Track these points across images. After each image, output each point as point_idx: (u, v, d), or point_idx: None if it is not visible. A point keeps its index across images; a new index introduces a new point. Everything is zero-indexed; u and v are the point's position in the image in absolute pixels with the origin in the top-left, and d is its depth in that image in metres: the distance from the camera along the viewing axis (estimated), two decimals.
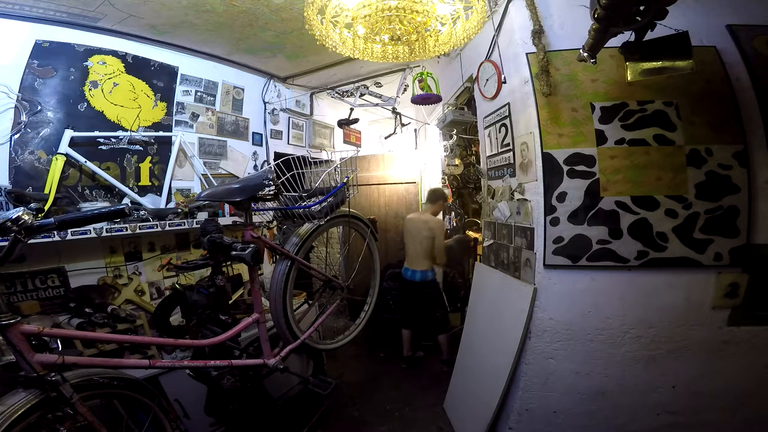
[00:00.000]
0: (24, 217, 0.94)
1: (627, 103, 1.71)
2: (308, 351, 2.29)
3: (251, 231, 1.51)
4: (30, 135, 1.97)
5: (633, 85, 1.65)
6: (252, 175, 1.74)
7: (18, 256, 0.97)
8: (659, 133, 1.69)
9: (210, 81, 2.84)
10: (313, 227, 1.75)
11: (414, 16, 1.45)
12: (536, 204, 1.81)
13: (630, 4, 1.17)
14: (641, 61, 1.50)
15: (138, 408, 1.35)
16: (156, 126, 2.51)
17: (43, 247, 1.84)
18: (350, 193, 1.87)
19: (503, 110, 2.09)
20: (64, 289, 1.99)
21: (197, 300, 1.57)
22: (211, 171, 2.79)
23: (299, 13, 1.71)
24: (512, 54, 1.94)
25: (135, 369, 1.40)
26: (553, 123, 1.77)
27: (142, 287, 2.36)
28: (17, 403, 0.96)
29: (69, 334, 1.60)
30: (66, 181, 2.07)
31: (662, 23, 1.26)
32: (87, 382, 1.12)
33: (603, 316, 1.74)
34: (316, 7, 1.44)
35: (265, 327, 1.62)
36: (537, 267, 1.79)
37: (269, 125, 3.39)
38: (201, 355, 1.53)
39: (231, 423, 1.80)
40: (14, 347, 0.96)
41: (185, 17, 2.20)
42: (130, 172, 2.38)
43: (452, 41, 1.58)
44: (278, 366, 1.60)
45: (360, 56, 1.66)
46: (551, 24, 1.82)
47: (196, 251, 2.65)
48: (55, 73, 2.06)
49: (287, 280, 1.63)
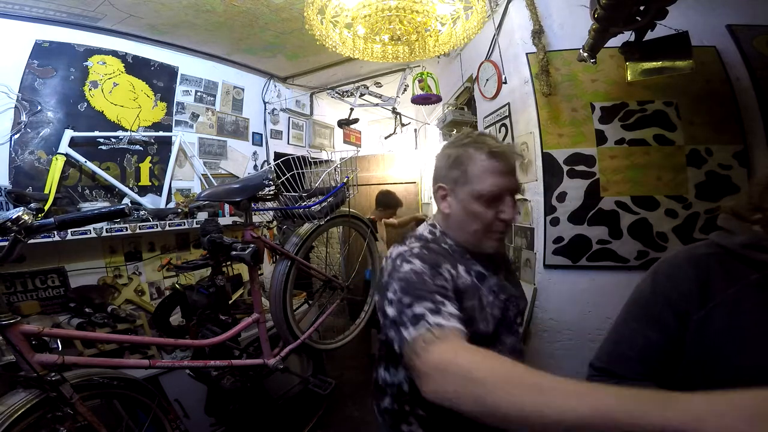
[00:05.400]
0: (24, 217, 0.94)
1: (627, 103, 1.71)
2: (308, 351, 2.29)
3: (251, 231, 1.51)
4: (30, 135, 1.97)
5: (633, 85, 1.65)
6: (252, 175, 1.75)
7: (18, 256, 0.97)
8: (659, 133, 1.69)
9: (210, 81, 2.84)
10: (313, 227, 1.75)
11: (414, 16, 1.45)
12: (536, 204, 1.81)
13: (630, 4, 1.18)
14: (641, 61, 1.50)
15: (138, 408, 1.36)
16: (156, 126, 2.51)
17: (43, 247, 1.83)
18: (350, 193, 1.87)
19: (503, 110, 2.09)
20: (64, 289, 1.99)
21: (197, 300, 1.57)
22: (211, 171, 2.79)
23: (299, 13, 1.71)
24: (512, 54, 1.94)
25: (135, 369, 1.40)
26: (553, 123, 1.77)
27: (142, 287, 2.36)
28: (17, 403, 0.96)
29: (69, 334, 1.60)
30: (66, 181, 2.07)
31: (662, 23, 1.26)
32: (87, 382, 1.13)
33: (603, 316, 1.74)
34: (316, 7, 1.44)
35: (265, 327, 1.62)
36: (537, 267, 1.79)
37: (269, 125, 3.39)
38: (201, 355, 1.53)
39: (231, 423, 1.80)
40: (14, 347, 0.96)
41: (185, 17, 2.20)
42: (130, 172, 2.38)
43: (452, 41, 1.58)
44: (278, 366, 1.60)
45: (360, 56, 1.66)
46: (551, 24, 1.82)
47: (196, 251, 2.65)
48: (55, 73, 2.06)
49: (287, 280, 1.63)
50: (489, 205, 0.86)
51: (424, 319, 0.68)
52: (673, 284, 0.79)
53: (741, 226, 0.75)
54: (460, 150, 0.89)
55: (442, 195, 0.93)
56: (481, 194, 0.86)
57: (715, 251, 0.77)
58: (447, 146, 0.95)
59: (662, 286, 0.80)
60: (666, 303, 0.78)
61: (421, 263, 0.81)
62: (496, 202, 0.87)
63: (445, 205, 0.93)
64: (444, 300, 0.73)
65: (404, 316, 0.71)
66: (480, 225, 0.88)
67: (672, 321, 0.77)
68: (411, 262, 0.81)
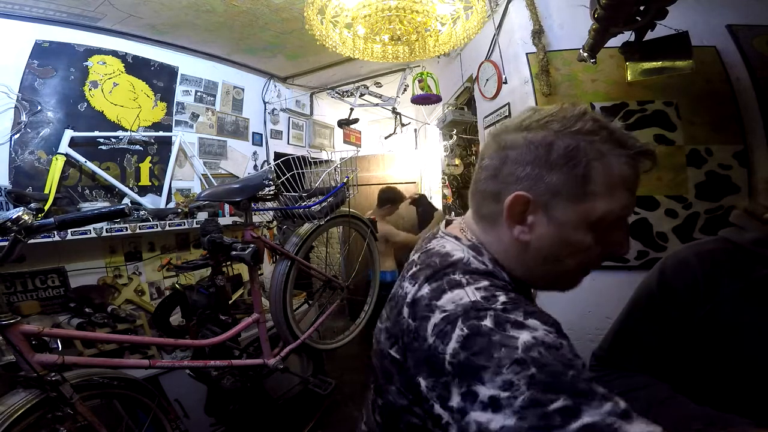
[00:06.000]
0: (24, 217, 0.94)
1: (627, 103, 1.71)
2: (308, 351, 2.29)
3: (251, 231, 1.51)
4: (30, 135, 1.97)
5: (633, 85, 1.65)
6: (252, 175, 1.74)
7: (18, 256, 0.97)
8: (659, 133, 1.69)
9: (210, 81, 2.84)
10: (313, 227, 1.75)
11: (414, 16, 1.45)
12: None
13: (630, 4, 1.18)
14: (641, 61, 1.50)
15: (138, 408, 1.36)
16: (156, 126, 2.51)
17: (43, 247, 1.84)
18: (350, 193, 1.87)
19: (503, 110, 2.09)
20: (64, 289, 1.99)
21: (197, 300, 1.57)
22: (211, 171, 2.79)
23: (299, 13, 1.71)
24: (512, 54, 1.94)
25: (135, 369, 1.40)
26: None
27: (142, 287, 2.36)
28: (17, 403, 0.96)
29: (69, 334, 1.60)
30: (66, 181, 2.07)
31: (662, 23, 1.26)
32: (87, 382, 1.13)
33: (603, 315, 1.73)
34: (316, 7, 1.44)
35: (265, 327, 1.62)
36: None
37: (269, 125, 3.39)
38: (201, 355, 1.53)
39: (231, 423, 1.80)
40: (14, 347, 0.96)
41: (185, 17, 2.20)
42: (130, 172, 2.38)
43: (452, 41, 1.58)
44: (278, 366, 1.60)
45: (360, 56, 1.66)
46: (551, 24, 1.82)
47: (196, 251, 2.65)
48: (55, 73, 2.06)
49: (287, 280, 1.63)
50: (603, 235, 0.55)
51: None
52: (679, 278, 0.80)
53: (753, 223, 0.76)
54: (578, 140, 0.53)
55: (520, 210, 0.55)
56: (603, 218, 0.53)
57: (724, 246, 0.78)
58: (539, 126, 0.55)
59: (669, 279, 0.81)
60: (671, 297, 0.79)
61: (544, 326, 0.46)
62: (613, 231, 0.56)
63: (522, 230, 0.56)
64: (608, 389, 0.41)
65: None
66: (575, 262, 0.57)
67: (677, 315, 0.78)
68: (525, 325, 0.45)
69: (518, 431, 0.38)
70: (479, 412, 0.41)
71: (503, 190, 0.56)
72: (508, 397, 0.40)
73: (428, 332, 0.49)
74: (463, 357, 0.44)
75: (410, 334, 0.52)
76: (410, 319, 0.53)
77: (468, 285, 0.52)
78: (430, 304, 0.52)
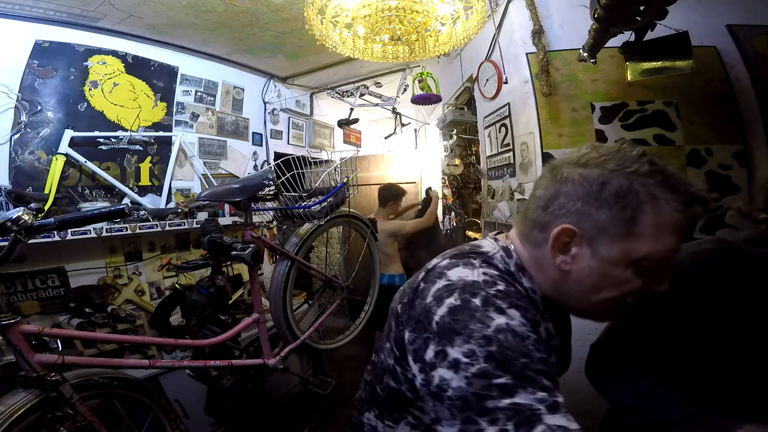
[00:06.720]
0: (24, 217, 0.94)
1: (627, 103, 1.71)
2: (308, 351, 2.29)
3: (251, 231, 1.51)
4: (30, 135, 1.97)
5: (633, 85, 1.65)
6: (252, 175, 1.74)
7: (18, 256, 0.97)
8: (659, 133, 1.69)
9: (210, 81, 2.84)
10: (313, 227, 1.75)
11: (414, 16, 1.45)
12: None
13: (630, 4, 1.18)
14: (641, 61, 1.50)
15: (138, 408, 1.35)
16: (156, 126, 2.51)
17: (43, 247, 1.84)
18: (350, 193, 1.87)
19: (503, 110, 2.09)
20: (64, 289, 1.99)
21: (197, 300, 1.57)
22: (211, 171, 2.79)
23: (299, 13, 1.71)
24: (512, 54, 1.94)
25: (135, 369, 1.40)
26: (553, 123, 1.77)
27: (142, 287, 2.36)
28: (17, 403, 0.96)
29: (69, 334, 1.60)
30: (66, 181, 2.07)
31: (662, 23, 1.26)
32: (87, 382, 1.12)
33: None
34: (316, 7, 1.44)
35: (265, 327, 1.62)
36: None
37: (269, 125, 3.39)
38: (201, 355, 1.53)
39: (231, 423, 1.80)
40: (14, 347, 0.96)
41: (185, 17, 2.20)
42: (130, 172, 2.38)
43: (452, 41, 1.58)
44: (278, 366, 1.60)
45: (360, 56, 1.66)
46: (551, 24, 1.82)
47: (196, 251, 2.65)
48: (55, 73, 2.06)
49: (287, 280, 1.63)
50: (644, 272, 0.57)
51: (541, 421, 0.43)
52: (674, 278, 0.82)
53: (746, 223, 0.78)
54: (631, 181, 0.55)
55: (565, 241, 0.58)
56: (646, 258, 0.55)
57: (720, 246, 0.80)
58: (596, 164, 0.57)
59: None
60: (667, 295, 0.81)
61: (521, 318, 0.53)
62: (654, 269, 0.58)
63: (565, 259, 0.59)
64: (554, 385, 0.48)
65: (494, 403, 0.45)
66: (612, 295, 0.59)
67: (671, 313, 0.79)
68: (505, 312, 0.52)
69: (465, 392, 0.47)
70: (444, 369, 0.50)
71: (552, 222, 0.59)
72: (467, 364, 0.48)
73: (430, 293, 0.58)
74: (447, 321, 0.53)
75: (415, 292, 0.61)
76: (422, 282, 0.62)
77: (479, 268, 0.60)
78: (442, 272, 0.60)
